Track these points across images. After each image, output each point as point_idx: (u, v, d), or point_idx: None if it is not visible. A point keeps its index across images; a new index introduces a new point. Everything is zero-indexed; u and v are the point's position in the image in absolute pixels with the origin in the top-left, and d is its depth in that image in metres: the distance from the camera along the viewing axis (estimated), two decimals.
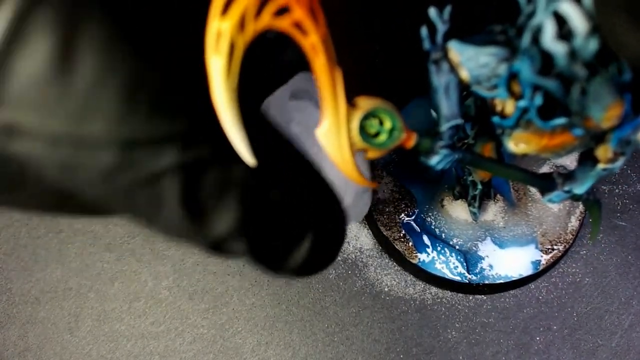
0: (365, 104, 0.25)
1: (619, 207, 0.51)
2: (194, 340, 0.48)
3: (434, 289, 0.49)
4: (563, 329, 0.48)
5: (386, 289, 0.49)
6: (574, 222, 0.49)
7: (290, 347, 0.48)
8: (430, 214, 0.49)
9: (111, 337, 0.48)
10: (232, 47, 0.19)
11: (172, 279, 0.49)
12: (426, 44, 0.29)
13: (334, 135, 0.24)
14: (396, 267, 0.50)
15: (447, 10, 0.28)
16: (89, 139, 0.17)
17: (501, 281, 0.47)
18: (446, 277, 0.47)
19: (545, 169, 0.50)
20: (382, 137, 0.26)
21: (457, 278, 0.47)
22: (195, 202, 0.20)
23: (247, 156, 0.20)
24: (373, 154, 0.26)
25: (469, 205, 0.47)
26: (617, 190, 0.52)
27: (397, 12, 0.55)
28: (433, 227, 0.49)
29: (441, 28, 0.28)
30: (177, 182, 0.19)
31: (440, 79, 0.29)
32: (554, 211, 0.49)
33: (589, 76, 0.24)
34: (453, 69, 0.28)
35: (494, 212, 0.49)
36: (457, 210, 0.49)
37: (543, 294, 0.49)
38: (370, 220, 0.50)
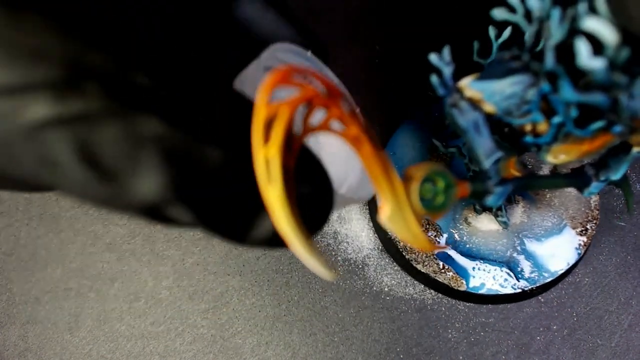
0: (417, 173, 0.24)
1: (618, 207, 0.52)
2: (194, 340, 0.48)
3: (434, 290, 0.49)
4: (563, 328, 0.48)
5: (386, 289, 0.49)
6: (595, 197, 0.48)
7: (290, 347, 0.48)
8: (459, 234, 0.48)
9: (111, 337, 0.48)
10: (285, 170, 0.18)
11: (172, 279, 0.49)
12: (440, 91, 0.28)
13: (399, 217, 0.23)
14: (396, 267, 0.50)
15: (446, 51, 0.28)
16: None
17: (551, 278, 0.46)
18: (499, 293, 0.46)
19: (546, 169, 0.50)
20: (440, 198, 0.25)
21: (510, 290, 0.46)
22: (97, 162, 0.17)
23: (328, 276, 0.18)
24: (436, 217, 0.26)
25: (496, 216, 0.46)
26: (617, 190, 0.52)
27: (397, 12, 0.55)
28: (467, 247, 0.47)
29: (447, 71, 0.28)
30: (64, 137, 0.16)
31: (466, 119, 0.28)
32: (574, 194, 0.49)
33: (630, 79, 0.23)
34: (475, 106, 0.27)
35: (519, 214, 0.48)
36: (484, 223, 0.47)
37: (542, 293, 0.49)
38: (403, 262, 0.48)
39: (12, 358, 0.47)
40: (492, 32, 0.28)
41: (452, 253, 0.47)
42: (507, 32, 0.28)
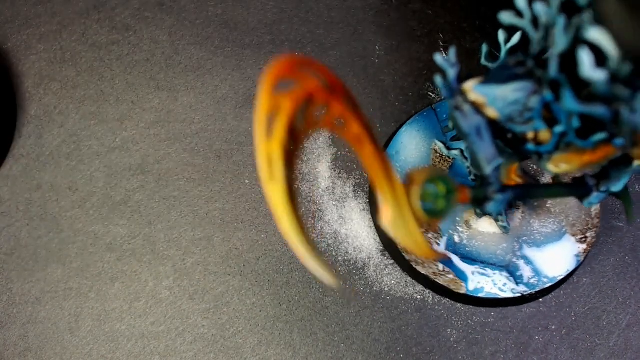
0: (419, 176, 0.24)
1: (617, 208, 0.52)
2: (195, 340, 0.48)
3: (434, 292, 0.49)
4: (561, 328, 0.49)
5: (386, 289, 0.49)
6: (596, 206, 0.48)
7: (291, 347, 0.48)
8: (459, 237, 0.47)
9: (112, 337, 0.48)
10: (288, 166, 0.17)
11: (172, 279, 0.49)
12: (445, 93, 0.28)
13: (401, 220, 0.22)
14: (396, 267, 0.50)
15: (452, 52, 0.27)
16: None
17: (550, 284, 0.46)
18: (498, 297, 0.46)
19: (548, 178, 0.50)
20: (441, 203, 0.25)
21: (509, 295, 0.46)
22: None
23: (329, 279, 0.18)
24: (435, 222, 0.26)
25: (497, 221, 0.46)
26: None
27: (397, 12, 0.55)
28: (467, 250, 0.47)
29: (452, 72, 0.27)
30: None
31: (469, 123, 0.27)
32: (575, 201, 0.48)
33: (632, 93, 0.23)
34: (478, 111, 0.27)
35: (519, 218, 0.48)
36: (485, 226, 0.47)
37: (541, 298, 0.49)
38: (403, 263, 0.48)
39: (12, 358, 0.47)
40: (501, 36, 0.28)
41: (452, 256, 0.47)
42: (516, 37, 0.28)
